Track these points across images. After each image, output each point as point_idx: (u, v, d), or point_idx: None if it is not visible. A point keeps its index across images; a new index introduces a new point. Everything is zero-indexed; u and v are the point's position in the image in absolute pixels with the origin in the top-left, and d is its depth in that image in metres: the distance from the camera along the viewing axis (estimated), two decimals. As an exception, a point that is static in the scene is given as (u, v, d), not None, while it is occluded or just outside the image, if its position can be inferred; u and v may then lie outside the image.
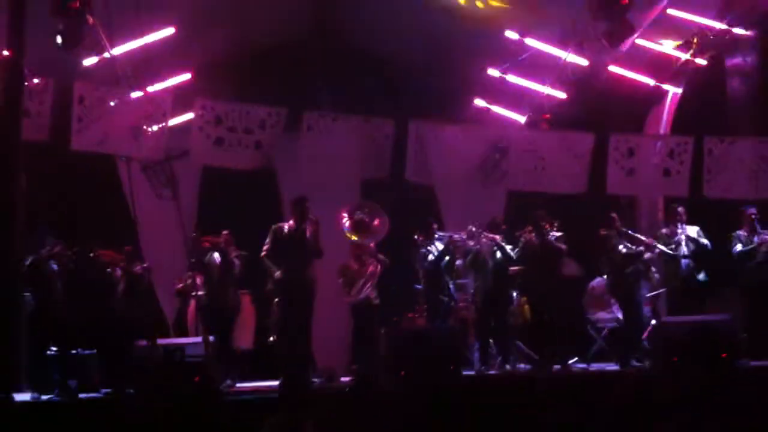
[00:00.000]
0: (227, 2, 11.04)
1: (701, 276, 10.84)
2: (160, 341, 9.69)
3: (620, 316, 11.15)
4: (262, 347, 11.07)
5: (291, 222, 10.10)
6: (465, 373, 9.99)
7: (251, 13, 11.61)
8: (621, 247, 10.80)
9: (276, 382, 9.60)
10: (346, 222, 10.81)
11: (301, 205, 10.11)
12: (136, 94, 11.48)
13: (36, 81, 11.00)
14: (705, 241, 10.87)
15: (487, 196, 12.52)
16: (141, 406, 7.88)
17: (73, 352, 9.78)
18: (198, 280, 10.59)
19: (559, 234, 10.72)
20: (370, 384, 8.24)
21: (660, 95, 12.99)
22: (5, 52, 9.82)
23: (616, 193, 13.05)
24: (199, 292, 10.55)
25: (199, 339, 9.93)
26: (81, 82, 11.41)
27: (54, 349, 9.69)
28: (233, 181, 12.26)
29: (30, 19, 9.63)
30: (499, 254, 10.66)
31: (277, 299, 10.10)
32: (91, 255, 9.92)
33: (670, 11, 10.91)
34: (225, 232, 10.55)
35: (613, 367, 10.72)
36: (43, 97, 11.34)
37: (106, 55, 10.82)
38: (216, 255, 10.44)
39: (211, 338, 9.85)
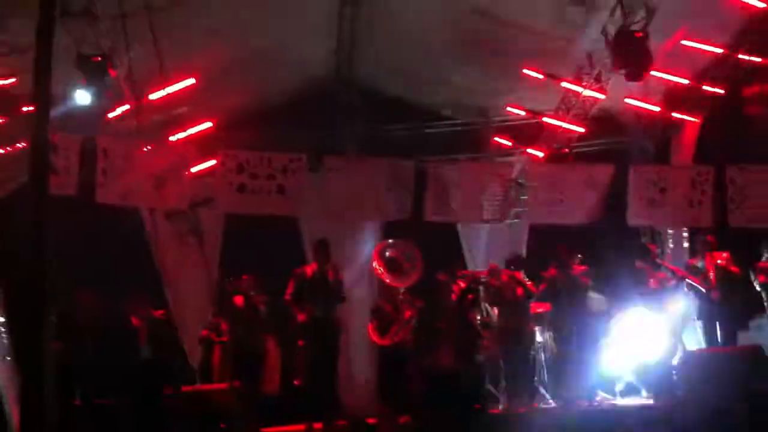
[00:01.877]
0: (247, 54, 11.20)
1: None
2: (186, 388, 9.74)
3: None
4: (289, 391, 11.07)
5: (313, 264, 10.17)
6: (491, 411, 9.95)
7: (272, 63, 11.78)
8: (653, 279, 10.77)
9: (302, 426, 9.61)
10: (378, 264, 10.84)
11: (323, 248, 10.19)
12: (158, 145, 11.70)
13: (62, 136, 11.20)
14: (735, 269, 10.78)
15: (509, 231, 12.53)
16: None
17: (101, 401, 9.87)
18: (223, 326, 10.66)
19: (583, 268, 10.71)
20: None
21: (678, 125, 12.96)
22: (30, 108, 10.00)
23: (637, 224, 12.98)
24: (223, 338, 10.62)
25: (225, 385, 9.96)
26: (104, 135, 11.59)
27: (81, 398, 9.78)
28: (256, 226, 12.36)
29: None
30: (521, 291, 10.65)
31: (302, 342, 10.14)
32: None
33: (685, 42, 10.91)
34: (246, 276, 10.63)
35: (642, 400, 10.61)
36: (70, 152, 11.55)
37: (128, 106, 11.02)
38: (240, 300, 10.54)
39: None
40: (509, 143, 12.95)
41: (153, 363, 10.13)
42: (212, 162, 12.13)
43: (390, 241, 11.35)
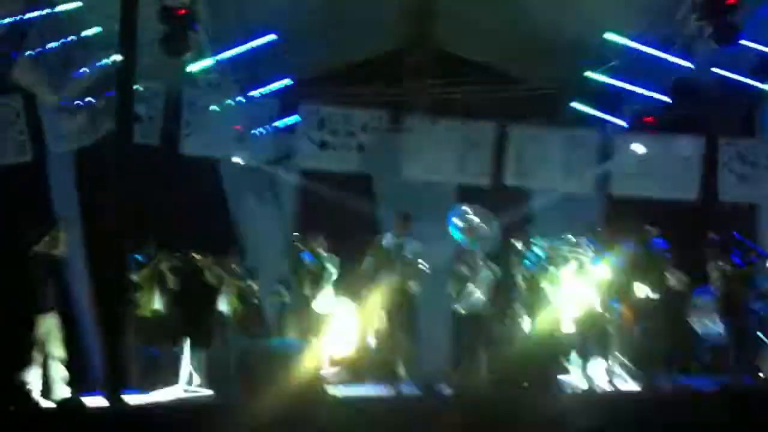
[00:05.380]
0: (326, 12, 11.20)
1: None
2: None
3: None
4: (364, 353, 11.17)
5: (393, 233, 10.28)
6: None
7: (351, 21, 11.76)
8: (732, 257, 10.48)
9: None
10: (458, 223, 10.83)
11: (405, 220, 10.31)
12: (241, 99, 11.85)
13: (147, 86, 11.44)
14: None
15: (585, 201, 12.34)
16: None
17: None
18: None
19: (663, 243, 10.48)
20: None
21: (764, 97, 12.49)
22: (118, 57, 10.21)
23: (729, 200, 12.61)
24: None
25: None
26: (189, 87, 11.80)
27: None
28: (330, 183, 12.42)
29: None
30: (595, 264, 10.48)
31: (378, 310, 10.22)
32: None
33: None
34: (320, 237, 10.76)
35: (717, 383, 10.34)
36: (155, 102, 11.79)
37: (212, 60, 11.17)
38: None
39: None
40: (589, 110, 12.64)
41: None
42: (294, 119, 12.26)
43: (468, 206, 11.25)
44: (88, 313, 11.15)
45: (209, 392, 10.00)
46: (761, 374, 10.35)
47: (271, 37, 10.91)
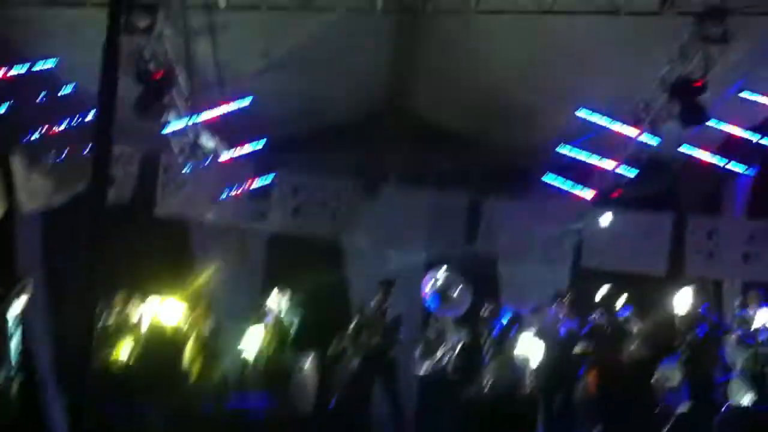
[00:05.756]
0: (303, 77, 11.41)
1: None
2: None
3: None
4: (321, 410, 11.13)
5: (377, 300, 10.53)
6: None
7: (326, 89, 11.95)
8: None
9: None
10: (428, 289, 10.92)
11: (387, 286, 10.68)
12: (216, 161, 11.96)
13: (122, 148, 11.53)
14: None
15: (552, 274, 12.47)
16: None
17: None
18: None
19: (628, 313, 10.58)
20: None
21: (733, 176, 12.76)
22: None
23: (695, 275, 12.74)
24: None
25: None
26: (166, 152, 11.90)
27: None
28: (299, 248, 12.46)
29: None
30: (563, 329, 10.56)
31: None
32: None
33: (743, 94, 10.79)
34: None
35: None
36: (129, 164, 11.89)
37: (186, 123, 11.29)
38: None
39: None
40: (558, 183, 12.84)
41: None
42: (266, 181, 12.38)
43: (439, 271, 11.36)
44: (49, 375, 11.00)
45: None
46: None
47: (247, 100, 11.07)
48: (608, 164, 12.10)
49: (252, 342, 10.95)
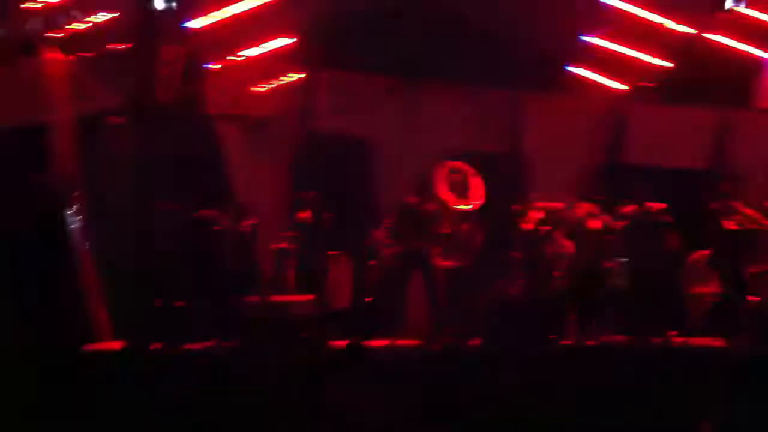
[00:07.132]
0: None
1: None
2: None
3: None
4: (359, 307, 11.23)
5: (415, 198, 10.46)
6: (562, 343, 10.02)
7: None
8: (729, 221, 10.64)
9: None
10: (442, 184, 10.92)
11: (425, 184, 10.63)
12: (240, 57, 11.73)
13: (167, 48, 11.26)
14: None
15: (586, 168, 12.45)
16: (250, 359, 8.12)
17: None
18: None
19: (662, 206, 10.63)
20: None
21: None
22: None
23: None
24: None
25: (305, 297, 10.16)
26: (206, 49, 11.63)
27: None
28: (327, 145, 12.37)
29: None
30: (598, 224, 10.60)
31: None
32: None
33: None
34: (313, 193, 10.81)
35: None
36: (175, 63, 11.65)
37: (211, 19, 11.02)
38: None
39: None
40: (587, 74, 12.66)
41: (233, 271, 10.29)
42: (294, 78, 12.18)
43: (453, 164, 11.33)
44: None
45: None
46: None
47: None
48: (641, 54, 11.92)
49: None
